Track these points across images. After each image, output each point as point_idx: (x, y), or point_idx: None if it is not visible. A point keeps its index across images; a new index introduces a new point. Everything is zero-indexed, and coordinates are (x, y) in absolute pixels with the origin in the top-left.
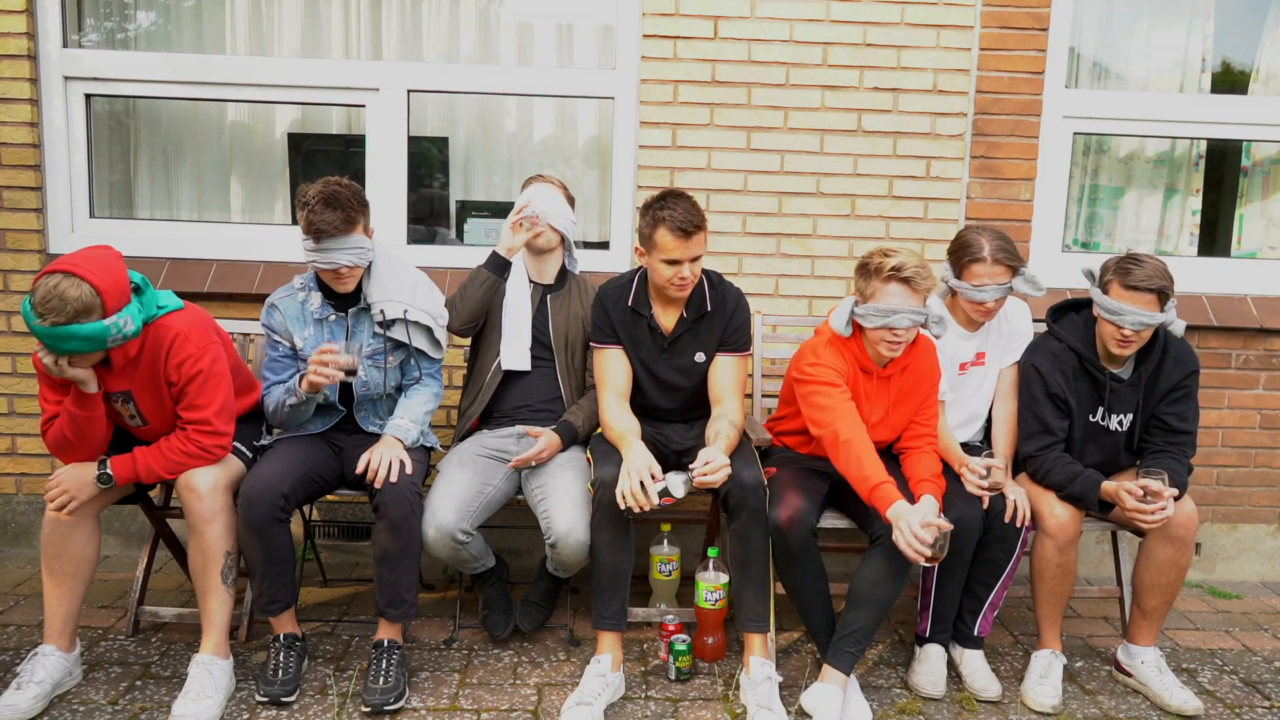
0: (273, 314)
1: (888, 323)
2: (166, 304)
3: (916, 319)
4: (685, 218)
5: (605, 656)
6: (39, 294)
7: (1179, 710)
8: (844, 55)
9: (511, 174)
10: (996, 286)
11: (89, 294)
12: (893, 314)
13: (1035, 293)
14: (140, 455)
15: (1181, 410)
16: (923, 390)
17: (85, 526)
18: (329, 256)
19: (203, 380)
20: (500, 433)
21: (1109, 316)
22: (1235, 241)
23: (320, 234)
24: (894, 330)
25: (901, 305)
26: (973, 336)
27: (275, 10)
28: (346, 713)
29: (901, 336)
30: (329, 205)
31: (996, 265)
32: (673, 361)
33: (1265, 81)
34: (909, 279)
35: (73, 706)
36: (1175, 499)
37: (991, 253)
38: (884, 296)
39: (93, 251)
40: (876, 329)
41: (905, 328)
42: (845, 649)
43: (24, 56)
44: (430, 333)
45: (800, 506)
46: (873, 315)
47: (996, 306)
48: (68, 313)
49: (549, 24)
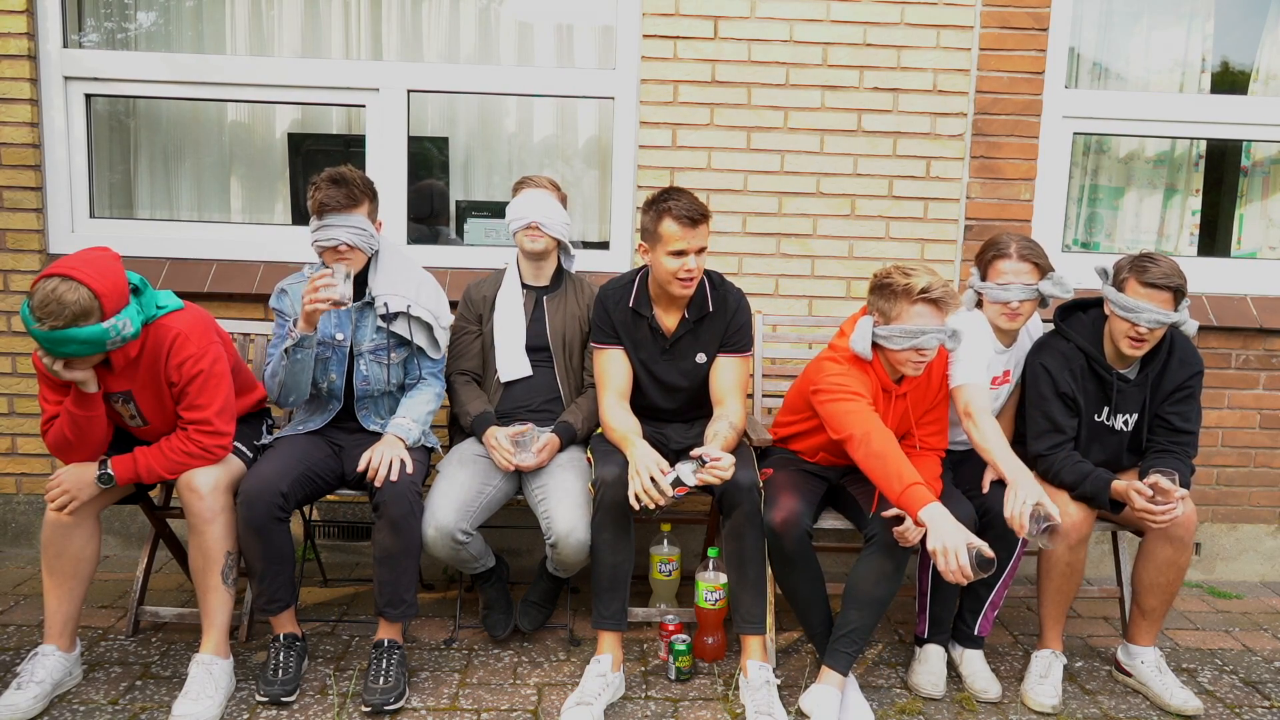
0: (282, 297)
1: (916, 344)
2: (166, 304)
3: (943, 338)
4: (690, 206)
5: (605, 656)
6: (37, 298)
7: (1179, 710)
8: (844, 55)
9: (511, 174)
10: (1021, 286)
11: (87, 297)
12: (921, 335)
13: (1064, 294)
14: (141, 455)
15: (1185, 410)
16: (935, 398)
17: (85, 527)
18: (329, 233)
19: (203, 380)
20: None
21: (1124, 314)
22: (1235, 241)
23: (323, 208)
24: (921, 351)
25: (930, 326)
26: (1005, 352)
27: (275, 10)
28: (346, 713)
29: (928, 356)
30: (334, 183)
31: (1023, 262)
32: (674, 363)
33: (1265, 81)
34: (937, 300)
35: (73, 706)
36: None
37: (1018, 249)
38: (911, 318)
39: (90, 254)
40: (903, 350)
41: (932, 348)
42: (842, 649)
43: (24, 56)
44: (430, 331)
45: (795, 509)
46: (899, 337)
47: (1022, 309)
48: (66, 316)
49: (549, 24)
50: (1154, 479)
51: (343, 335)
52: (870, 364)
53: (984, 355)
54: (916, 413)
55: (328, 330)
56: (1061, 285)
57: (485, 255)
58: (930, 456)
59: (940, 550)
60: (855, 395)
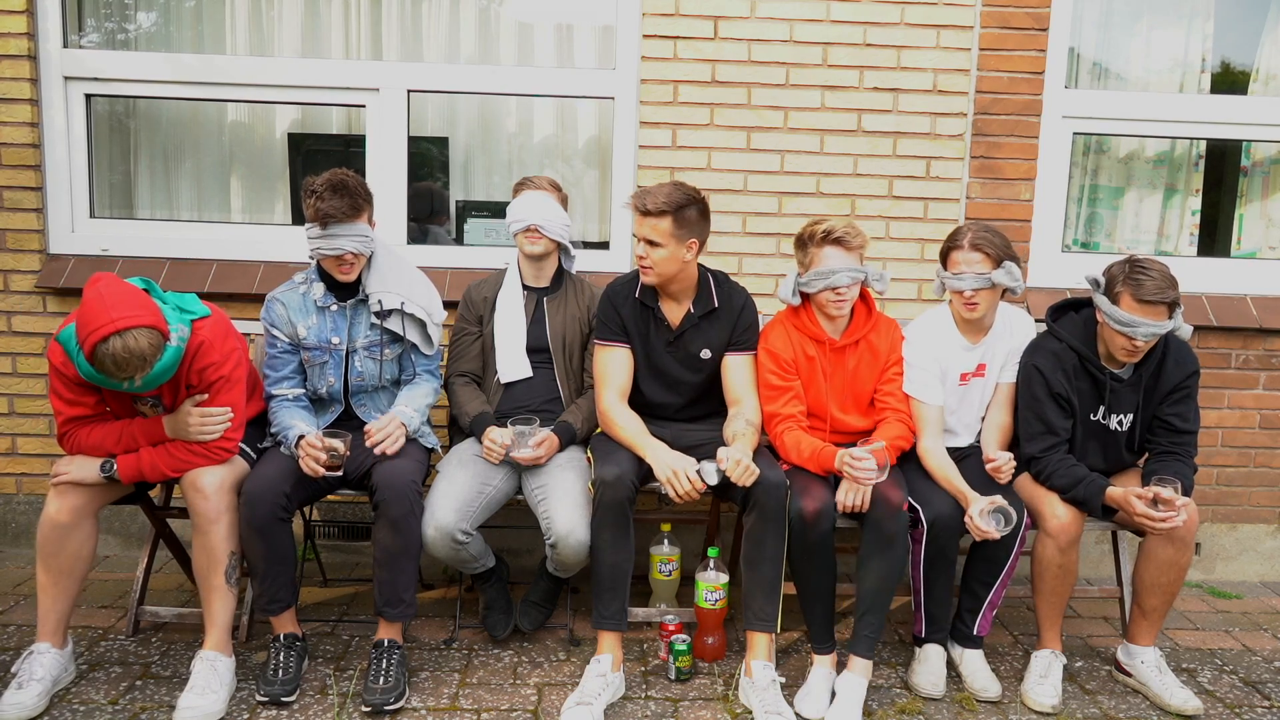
0: (273, 307)
1: (829, 283)
2: (195, 310)
3: (856, 275)
4: (640, 196)
5: (605, 656)
6: (109, 364)
7: (1179, 710)
8: (844, 55)
9: (511, 174)
10: (974, 275)
11: (151, 335)
12: (832, 274)
13: (1012, 284)
14: (146, 454)
15: (1183, 411)
16: (881, 363)
17: (83, 526)
18: (335, 243)
19: (221, 386)
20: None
21: (1120, 328)
22: (1235, 241)
23: (327, 220)
24: (837, 290)
25: (840, 265)
26: (974, 348)
27: (275, 10)
28: (346, 713)
29: (845, 295)
30: (337, 192)
31: (974, 252)
32: (678, 356)
33: (1265, 81)
34: (840, 239)
35: (73, 706)
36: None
37: (970, 239)
38: (822, 260)
39: (108, 295)
40: (821, 292)
41: (846, 285)
42: (865, 634)
43: (24, 56)
44: (424, 328)
45: (826, 499)
46: (815, 280)
47: (978, 298)
48: (149, 362)
49: (549, 24)
50: (1156, 489)
51: (339, 339)
52: (799, 314)
53: (931, 366)
54: (863, 374)
55: (324, 335)
56: (1012, 275)
57: (485, 255)
58: (897, 424)
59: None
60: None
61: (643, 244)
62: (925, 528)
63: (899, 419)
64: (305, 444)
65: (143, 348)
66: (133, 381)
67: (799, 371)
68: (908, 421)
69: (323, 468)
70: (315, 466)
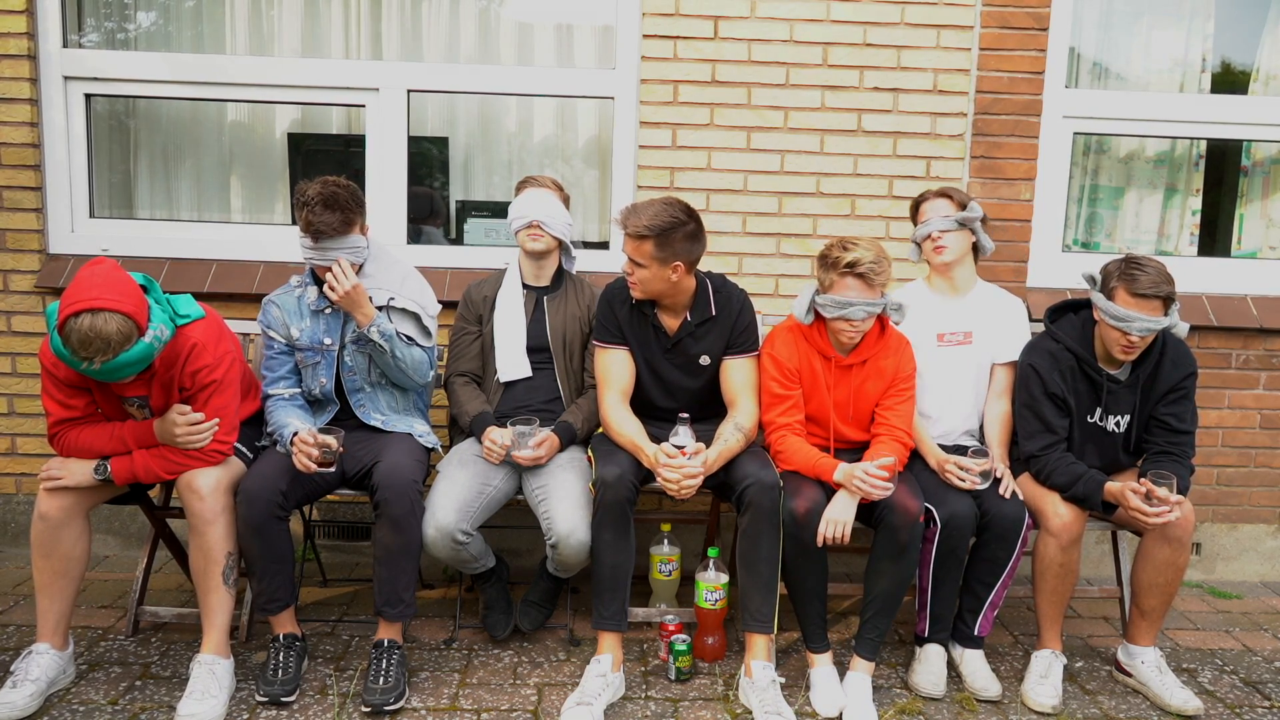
0: (269, 310)
1: (843, 314)
2: (189, 313)
3: (871, 310)
4: (625, 216)
5: (605, 656)
6: (74, 340)
7: (1179, 710)
8: (844, 55)
9: (511, 174)
10: (940, 218)
11: (122, 322)
12: (849, 306)
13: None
14: (139, 456)
15: (1180, 411)
16: (887, 381)
17: (74, 526)
18: (327, 255)
19: (214, 389)
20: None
21: (1115, 323)
22: (1235, 241)
23: (319, 235)
24: (850, 321)
25: (857, 299)
26: (951, 302)
27: (275, 10)
28: (346, 713)
29: (859, 326)
30: (328, 207)
31: (939, 199)
32: (676, 362)
33: (1265, 81)
34: (864, 275)
35: (72, 706)
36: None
37: (938, 190)
38: (841, 289)
39: (97, 276)
40: (834, 319)
41: (861, 319)
42: (868, 636)
43: (24, 56)
44: (418, 319)
45: (817, 499)
46: (830, 306)
47: (944, 240)
48: (113, 348)
49: (549, 24)
50: (1151, 486)
51: (331, 340)
52: (810, 329)
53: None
54: (868, 392)
55: (316, 336)
56: (974, 210)
57: (485, 255)
58: (893, 444)
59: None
60: (782, 387)
61: (627, 260)
62: (940, 527)
63: (895, 439)
64: (298, 440)
65: (110, 332)
66: (91, 364)
67: (802, 381)
68: (904, 440)
69: (315, 464)
70: (308, 463)
